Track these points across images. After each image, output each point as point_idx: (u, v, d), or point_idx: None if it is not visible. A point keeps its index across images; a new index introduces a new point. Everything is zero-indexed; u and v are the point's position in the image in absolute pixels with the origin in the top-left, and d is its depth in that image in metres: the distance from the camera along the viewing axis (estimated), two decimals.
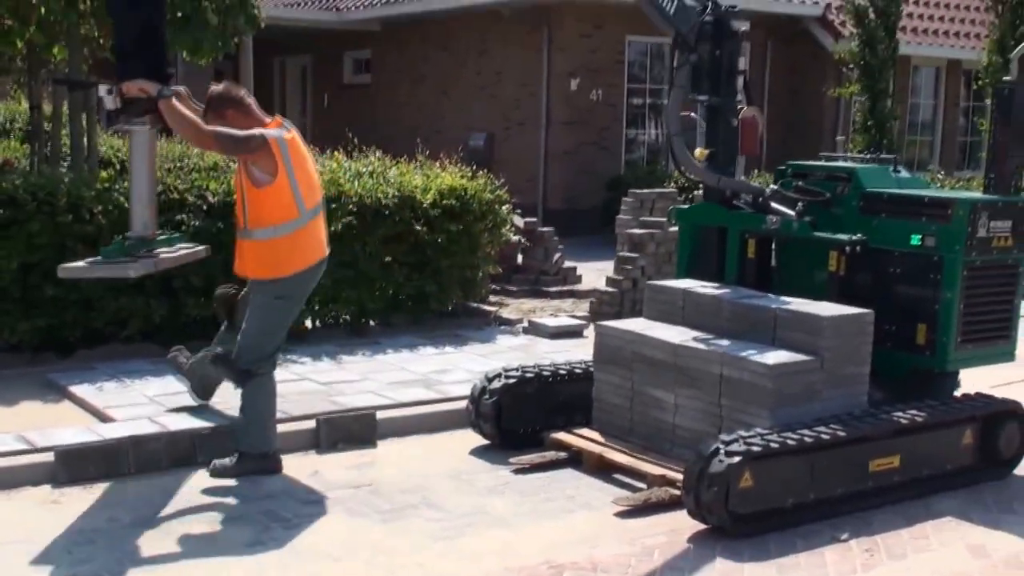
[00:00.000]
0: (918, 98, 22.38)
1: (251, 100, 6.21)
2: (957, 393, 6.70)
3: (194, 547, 5.20)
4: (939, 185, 14.21)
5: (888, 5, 16.23)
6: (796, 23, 20.41)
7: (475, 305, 10.33)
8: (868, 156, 7.26)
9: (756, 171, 14.91)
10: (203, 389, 6.82)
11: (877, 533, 5.52)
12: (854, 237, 6.41)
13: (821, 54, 20.16)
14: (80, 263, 6.10)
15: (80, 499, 5.78)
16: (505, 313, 10.54)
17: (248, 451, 6.19)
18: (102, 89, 5.77)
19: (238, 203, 6.21)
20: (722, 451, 5.34)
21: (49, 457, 6.02)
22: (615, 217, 12.33)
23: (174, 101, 5.84)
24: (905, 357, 6.46)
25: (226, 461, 6.17)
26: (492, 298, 11.10)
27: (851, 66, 16.67)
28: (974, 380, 7.00)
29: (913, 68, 21.83)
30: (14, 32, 10.23)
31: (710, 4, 6.53)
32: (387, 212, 9.20)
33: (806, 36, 20.46)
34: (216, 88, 6.16)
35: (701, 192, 7.42)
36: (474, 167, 10.53)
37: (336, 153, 10.63)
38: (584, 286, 12.21)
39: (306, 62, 25.09)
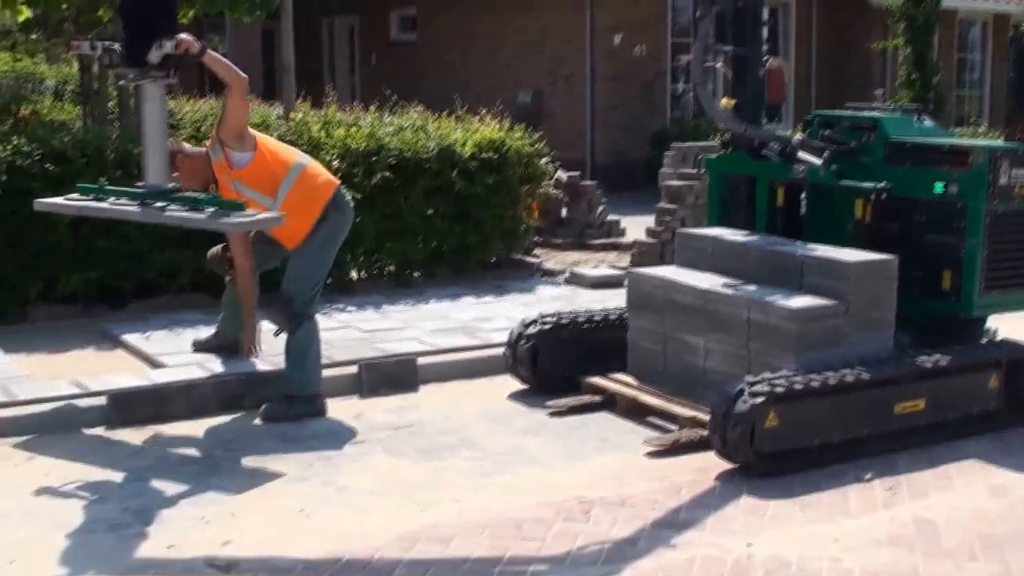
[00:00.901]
0: (966, 52, 22.16)
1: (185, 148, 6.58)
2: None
3: (240, 483, 5.45)
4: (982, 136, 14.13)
5: None
6: None
7: (518, 257, 10.53)
8: (893, 106, 7.32)
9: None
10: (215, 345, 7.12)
11: (901, 473, 5.64)
12: (879, 185, 6.51)
13: (867, 9, 20.03)
14: (58, 200, 6.07)
15: (132, 440, 6.06)
16: (548, 265, 10.72)
17: (300, 394, 6.43)
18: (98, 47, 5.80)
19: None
20: (747, 392, 5.49)
21: (102, 401, 6.31)
22: (660, 171, 12.43)
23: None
24: (931, 303, 6.56)
25: (278, 405, 6.42)
26: (536, 251, 11.29)
27: (896, 19, 16.54)
28: (1010, 328, 7.10)
29: (959, 22, 21.60)
30: None
31: None
32: (427, 165, 9.39)
33: None
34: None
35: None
36: (524, 123, 10.68)
37: (372, 108, 10.82)
38: (627, 239, 12.34)
39: (354, 22, 25.24)
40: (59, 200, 5.95)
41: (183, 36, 5.73)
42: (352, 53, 25.66)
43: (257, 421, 6.36)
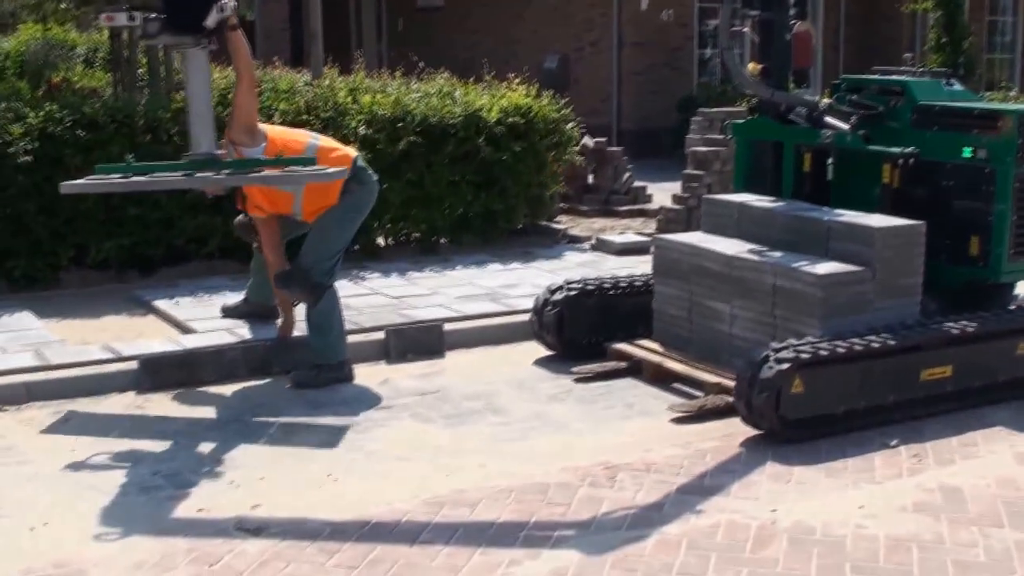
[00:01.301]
0: (997, 15, 21.90)
1: None
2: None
3: (269, 448, 5.51)
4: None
5: None
6: None
7: (544, 224, 10.53)
8: (922, 70, 7.27)
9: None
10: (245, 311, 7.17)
11: (927, 440, 5.63)
12: (906, 150, 6.48)
13: None
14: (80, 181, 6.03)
15: (162, 404, 6.14)
16: (574, 231, 10.72)
17: (327, 361, 6.48)
18: (137, 17, 5.79)
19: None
20: (772, 358, 5.50)
21: (133, 365, 6.39)
22: (686, 137, 12.39)
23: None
24: (959, 269, 6.54)
25: (307, 371, 6.47)
26: (563, 217, 11.30)
27: None
28: None
29: None
30: None
31: None
32: (452, 131, 9.40)
33: None
34: None
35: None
36: (550, 89, 10.66)
37: (398, 74, 10.83)
38: (654, 205, 12.32)
39: None
40: (97, 181, 5.81)
41: (232, 2, 5.77)
42: (379, 19, 25.56)
43: (286, 386, 6.41)
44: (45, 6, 20.68)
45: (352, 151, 6.68)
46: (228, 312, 7.21)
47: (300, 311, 6.70)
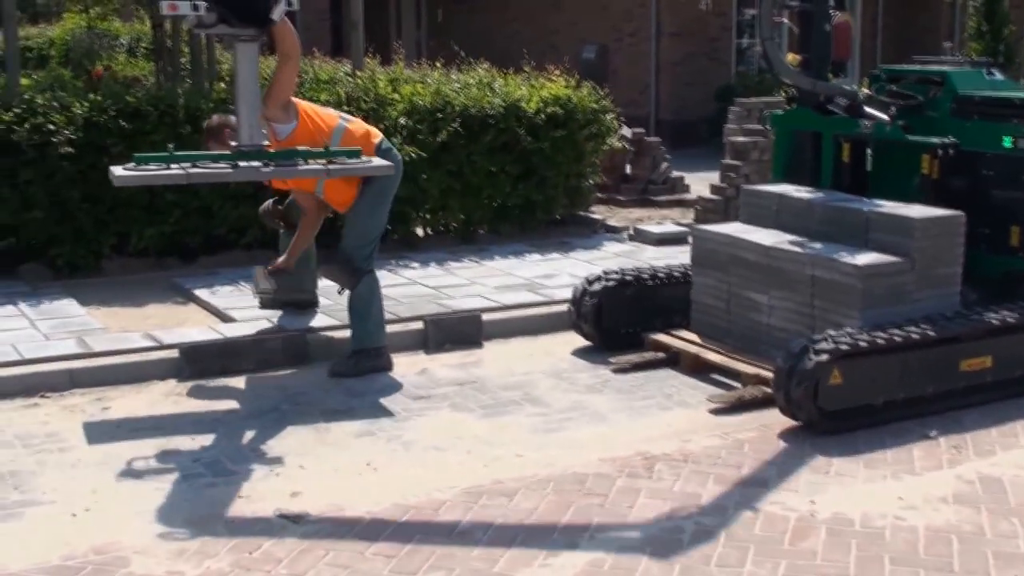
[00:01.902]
0: None
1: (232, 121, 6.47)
2: None
3: (308, 436, 5.55)
4: None
5: None
6: None
7: (582, 214, 10.53)
8: (961, 59, 7.22)
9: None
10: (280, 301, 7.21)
11: (967, 431, 5.61)
12: (946, 140, 6.44)
13: None
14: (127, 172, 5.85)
15: (202, 392, 6.21)
16: (612, 221, 10.72)
17: (365, 347, 6.52)
18: (200, 7, 5.82)
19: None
20: (811, 349, 5.48)
21: (174, 354, 6.46)
22: (724, 127, 12.34)
23: None
24: (999, 259, 6.50)
25: (345, 360, 6.52)
26: (600, 207, 11.30)
27: None
28: None
29: None
30: None
31: None
32: (492, 122, 9.41)
33: None
34: (213, 120, 6.62)
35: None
36: (589, 80, 10.65)
37: (438, 64, 10.85)
38: (691, 195, 12.30)
39: None
40: (148, 171, 5.70)
41: None
42: (418, 9, 25.62)
43: (324, 376, 6.46)
44: None
45: (376, 133, 6.69)
46: (266, 303, 7.26)
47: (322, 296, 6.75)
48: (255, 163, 5.73)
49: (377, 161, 6.19)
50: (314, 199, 6.74)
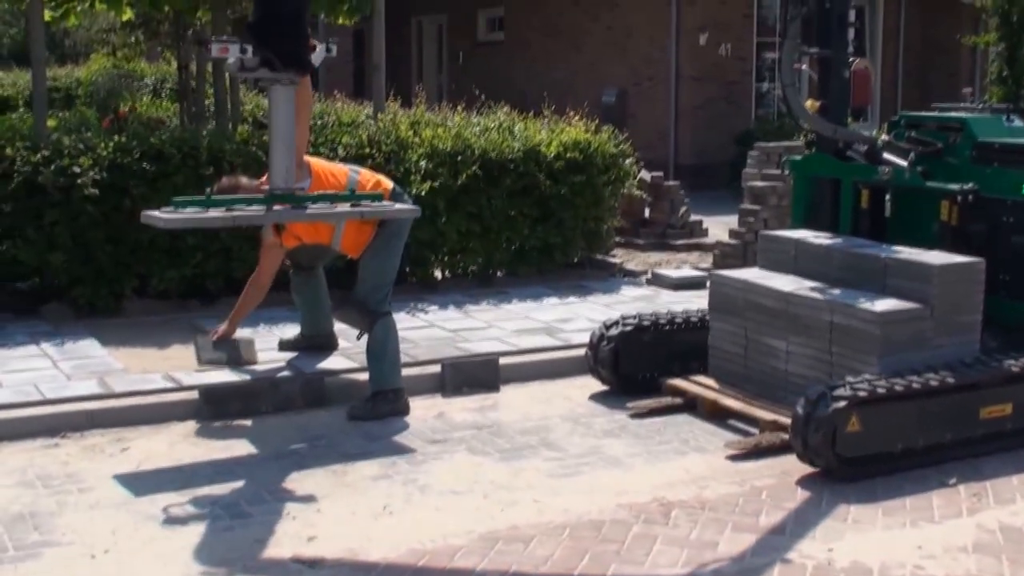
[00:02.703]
0: None
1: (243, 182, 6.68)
2: None
3: (325, 479, 5.56)
4: None
5: None
6: None
7: (600, 257, 10.56)
8: (981, 106, 7.24)
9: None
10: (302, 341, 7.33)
11: (986, 479, 5.58)
12: (966, 186, 6.45)
13: (956, 5, 19.71)
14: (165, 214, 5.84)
15: (221, 434, 6.23)
16: (630, 265, 10.74)
17: (383, 389, 6.55)
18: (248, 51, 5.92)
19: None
20: (829, 395, 5.47)
21: (194, 395, 6.49)
22: (743, 171, 12.37)
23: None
24: (1020, 306, 6.48)
25: (363, 403, 6.55)
26: (618, 251, 11.32)
27: (989, 14, 16.21)
28: None
29: None
30: None
31: None
32: (512, 166, 9.47)
33: None
34: (224, 181, 6.74)
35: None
36: (608, 124, 10.72)
37: (459, 107, 10.94)
38: (710, 239, 12.30)
39: (442, 21, 25.43)
40: (189, 214, 5.72)
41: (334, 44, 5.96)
42: (440, 51, 25.86)
43: (343, 418, 6.48)
44: (115, 38, 21.16)
45: (387, 180, 6.82)
46: (285, 346, 7.33)
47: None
48: (288, 206, 5.83)
49: (399, 204, 6.25)
50: (278, 252, 6.82)
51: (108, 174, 8.12)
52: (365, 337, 6.61)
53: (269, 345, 7.42)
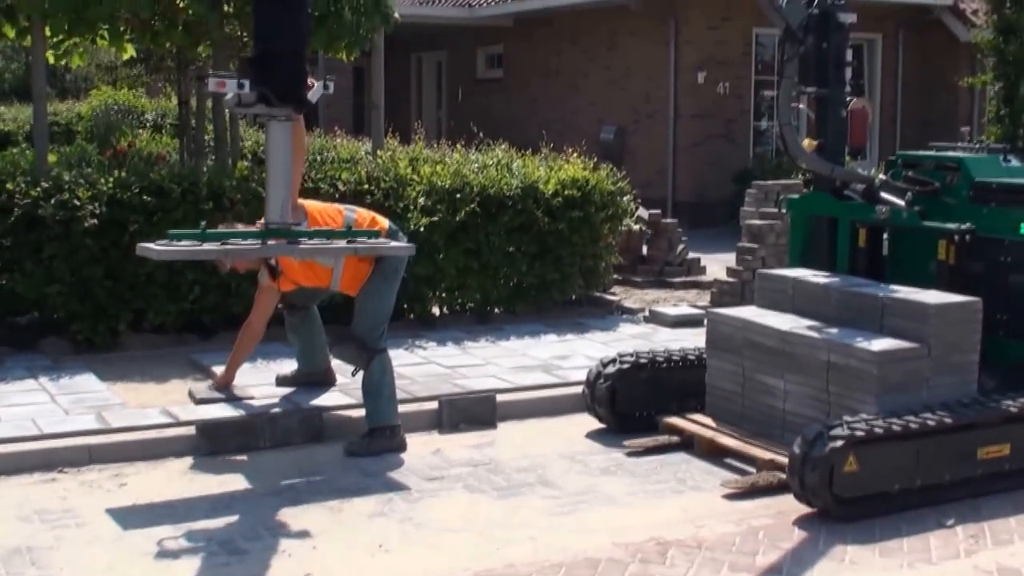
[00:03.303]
0: None
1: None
2: None
3: (321, 516, 5.55)
4: None
5: None
6: (928, 12, 20.14)
7: (598, 294, 10.58)
8: (978, 146, 7.28)
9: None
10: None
11: (984, 520, 5.57)
12: (963, 226, 6.48)
13: (953, 43, 19.86)
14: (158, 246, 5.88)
15: (219, 469, 6.22)
16: (628, 303, 10.75)
17: (379, 425, 6.56)
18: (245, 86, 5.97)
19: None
20: (826, 435, 5.47)
21: (191, 430, 6.49)
22: (741, 209, 12.40)
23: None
24: (1017, 346, 6.49)
25: (359, 440, 6.55)
26: (616, 288, 11.33)
27: (986, 53, 16.30)
28: None
29: None
30: (162, 33, 10.80)
31: None
32: (510, 203, 9.51)
33: (938, 26, 20.17)
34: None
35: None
36: (607, 161, 10.77)
37: (458, 144, 10.99)
38: (708, 277, 12.32)
39: (441, 58, 25.56)
40: (184, 247, 5.81)
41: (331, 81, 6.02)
42: (439, 88, 25.98)
43: (340, 454, 6.47)
44: (117, 72, 21.30)
45: (384, 220, 6.86)
46: (282, 381, 7.33)
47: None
48: (283, 241, 5.86)
49: (396, 242, 6.28)
50: (273, 294, 6.85)
51: (108, 209, 8.15)
52: (360, 373, 6.62)
53: (266, 380, 7.41)
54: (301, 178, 6.80)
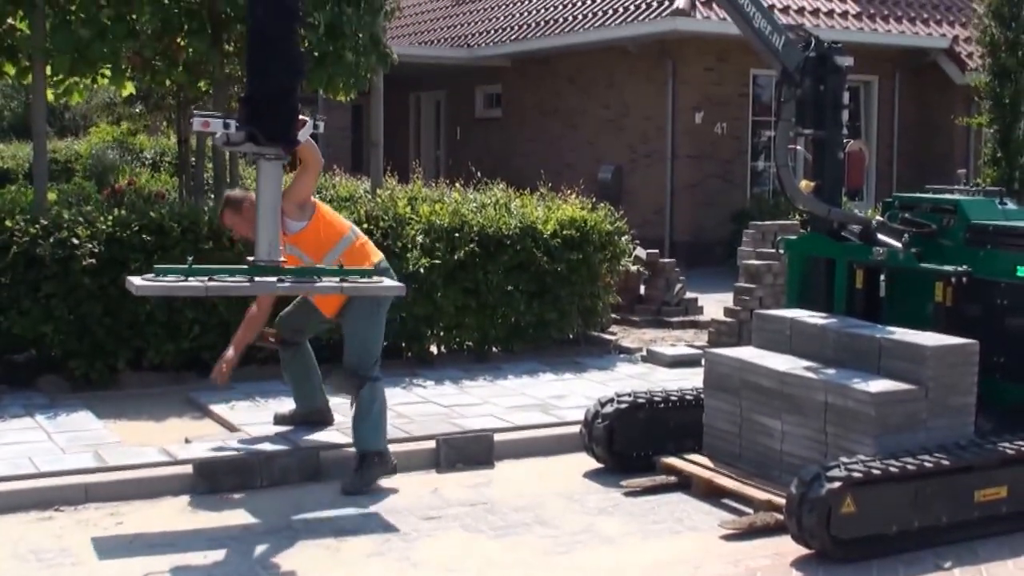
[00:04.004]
0: None
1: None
2: None
3: (319, 555, 5.54)
4: None
5: (1019, 37, 15.98)
6: (924, 55, 20.29)
7: (596, 334, 10.60)
8: (975, 188, 7.33)
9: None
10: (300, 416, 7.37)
11: (982, 562, 5.56)
12: (959, 268, 6.51)
13: (949, 86, 20.00)
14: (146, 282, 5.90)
15: (216, 508, 6.20)
16: (626, 342, 10.76)
17: (367, 450, 6.62)
18: (231, 125, 6.04)
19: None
20: (823, 476, 5.47)
21: (188, 469, 6.48)
22: (739, 249, 12.43)
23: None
24: (1014, 388, 6.50)
25: (353, 476, 6.58)
26: (614, 327, 11.34)
27: (982, 96, 16.42)
28: None
29: None
30: (162, 72, 10.88)
31: (813, 40, 6.73)
32: (509, 242, 9.54)
33: (934, 68, 20.31)
34: (235, 193, 7.05)
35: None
36: (604, 200, 10.82)
37: (457, 185, 11.05)
38: (705, 317, 12.33)
39: (440, 97, 25.71)
40: (168, 283, 5.81)
41: (320, 120, 6.08)
42: (438, 127, 26.10)
43: (337, 492, 6.47)
44: (117, 109, 21.41)
45: (377, 253, 6.94)
46: (280, 420, 7.34)
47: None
48: (271, 278, 5.86)
49: (388, 281, 6.35)
50: (262, 316, 6.99)
51: (106, 247, 8.17)
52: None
53: (265, 419, 7.41)
54: (314, 184, 6.88)
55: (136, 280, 5.74)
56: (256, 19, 5.93)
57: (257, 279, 5.84)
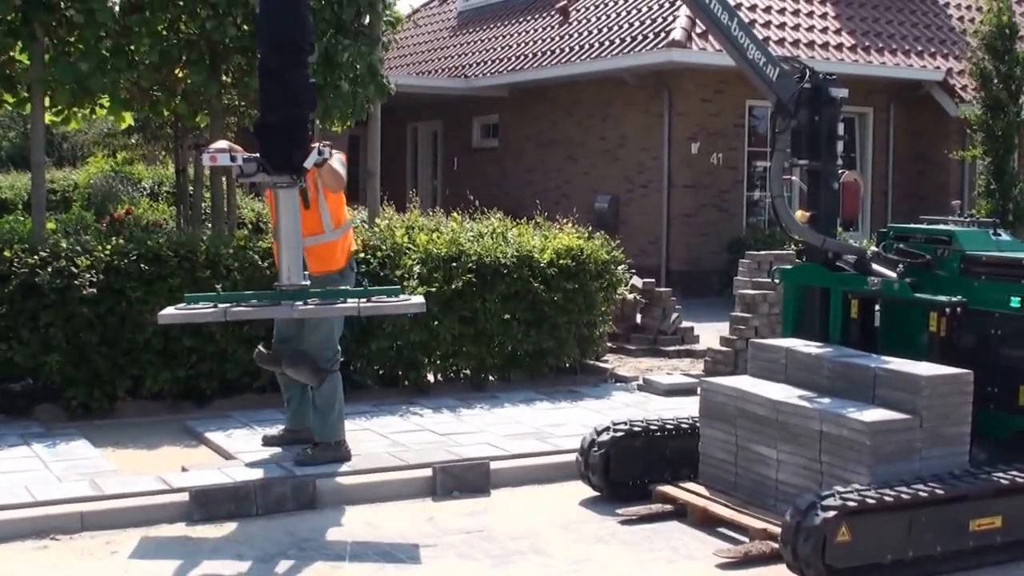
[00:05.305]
0: None
1: None
2: None
3: None
4: None
5: (1012, 70, 16.09)
6: (918, 87, 20.39)
7: (592, 362, 10.62)
8: (968, 220, 7.38)
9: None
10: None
11: None
12: (953, 299, 6.54)
13: (944, 118, 20.10)
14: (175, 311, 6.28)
15: (212, 536, 6.21)
16: (622, 371, 10.78)
17: (326, 440, 7.04)
18: (238, 158, 6.21)
19: (313, 211, 6.94)
20: (818, 505, 5.48)
21: (184, 497, 6.48)
22: (734, 279, 12.47)
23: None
24: (1008, 418, 6.52)
25: (306, 453, 7.02)
26: (610, 356, 11.37)
27: (975, 128, 16.52)
28: None
29: None
30: (161, 103, 10.95)
31: (807, 72, 6.79)
32: (505, 271, 9.58)
33: (928, 100, 20.41)
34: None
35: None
36: (600, 230, 10.87)
37: (455, 214, 11.10)
38: (701, 346, 12.35)
39: (437, 127, 25.79)
40: (192, 310, 6.19)
41: (328, 147, 6.32)
42: (434, 157, 26.18)
43: (333, 521, 6.47)
44: (115, 140, 21.50)
45: (354, 251, 7.53)
46: (269, 441, 7.41)
47: None
48: (297, 303, 6.18)
49: (415, 299, 6.63)
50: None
51: (105, 276, 8.20)
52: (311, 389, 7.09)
53: (261, 448, 7.43)
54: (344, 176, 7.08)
55: (166, 311, 6.17)
56: (261, 52, 6.13)
57: (283, 303, 6.18)
